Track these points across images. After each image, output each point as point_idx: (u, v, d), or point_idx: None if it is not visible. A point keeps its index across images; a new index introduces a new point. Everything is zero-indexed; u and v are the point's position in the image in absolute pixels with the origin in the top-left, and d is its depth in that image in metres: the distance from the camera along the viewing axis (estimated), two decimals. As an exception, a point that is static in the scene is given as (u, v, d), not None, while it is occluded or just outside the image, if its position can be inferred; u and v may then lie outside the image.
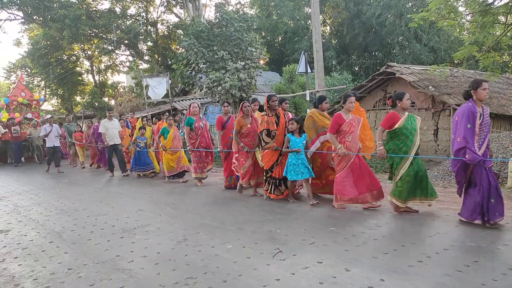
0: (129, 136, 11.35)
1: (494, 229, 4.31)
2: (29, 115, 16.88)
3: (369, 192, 5.52)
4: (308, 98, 11.07)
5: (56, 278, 3.53)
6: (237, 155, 7.00)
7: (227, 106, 7.81)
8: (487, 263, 3.41)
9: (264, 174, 6.44)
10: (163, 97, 15.74)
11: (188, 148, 8.03)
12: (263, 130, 6.27)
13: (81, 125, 17.46)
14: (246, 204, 6.29)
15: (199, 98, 16.91)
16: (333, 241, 4.18)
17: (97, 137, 12.06)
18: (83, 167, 13.30)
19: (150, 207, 6.41)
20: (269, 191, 6.35)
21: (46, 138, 12.29)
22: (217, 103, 13.88)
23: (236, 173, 7.24)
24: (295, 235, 4.43)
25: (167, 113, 9.88)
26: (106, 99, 29.58)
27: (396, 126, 5.10)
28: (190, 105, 8.29)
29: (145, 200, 7.06)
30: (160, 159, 9.98)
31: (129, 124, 12.01)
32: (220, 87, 12.36)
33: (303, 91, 12.43)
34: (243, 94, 12.67)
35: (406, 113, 5.23)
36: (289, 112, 6.74)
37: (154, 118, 11.48)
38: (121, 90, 30.48)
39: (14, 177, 11.34)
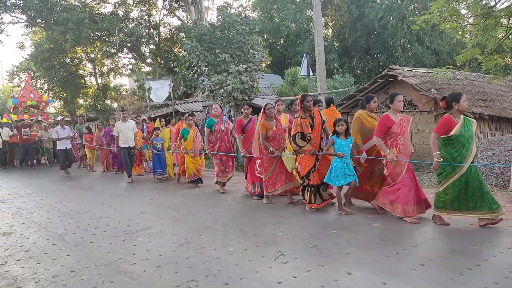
0: (142, 139, 10.82)
1: (496, 233, 4.30)
2: (39, 117, 16.28)
3: (417, 203, 4.98)
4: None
5: (58, 280, 3.54)
6: (259, 161, 6.41)
7: (247, 109, 7.07)
8: (489, 267, 3.40)
9: (301, 182, 5.84)
10: (165, 100, 15.77)
11: (207, 151, 7.64)
12: (297, 133, 5.70)
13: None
14: (248, 207, 6.28)
15: (201, 101, 16.94)
16: (335, 244, 4.17)
17: (110, 140, 11.57)
18: (94, 171, 12.76)
19: (152, 209, 6.42)
20: (309, 201, 5.70)
21: (57, 141, 12.00)
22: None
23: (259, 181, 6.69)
24: (297, 238, 4.43)
25: (187, 114, 9.29)
26: (108, 101, 29.67)
27: (452, 133, 4.48)
28: (212, 106, 7.86)
29: (147, 203, 7.07)
30: (178, 162, 9.43)
31: (145, 128, 11.26)
32: (222, 90, 12.37)
33: (305, 93, 12.45)
34: (245, 97, 12.69)
35: (462, 116, 4.60)
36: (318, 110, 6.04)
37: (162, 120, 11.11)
38: (124, 92, 30.58)
39: (17, 180, 11.38)
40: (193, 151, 8.29)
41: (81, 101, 30.55)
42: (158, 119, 11.17)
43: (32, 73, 30.11)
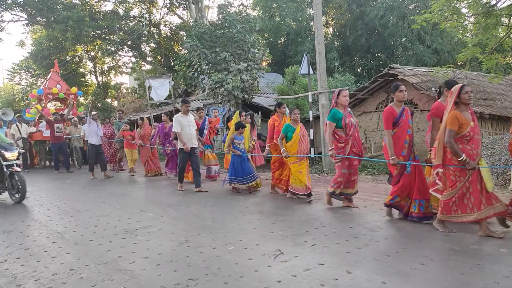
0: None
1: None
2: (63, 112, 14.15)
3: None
4: (310, 100, 11.05)
5: (58, 278, 3.54)
6: (439, 170, 4.39)
7: (403, 91, 5.01)
8: (490, 266, 3.40)
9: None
10: (165, 98, 15.76)
11: (329, 153, 5.58)
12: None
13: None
14: (248, 206, 6.28)
15: (201, 99, 16.93)
16: (335, 243, 4.17)
17: (164, 138, 9.94)
18: (133, 174, 11.08)
19: (152, 208, 6.42)
20: None
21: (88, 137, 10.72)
22: (219, 104, 13.89)
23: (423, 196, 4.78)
24: (297, 237, 4.43)
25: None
26: (109, 100, 29.68)
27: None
28: (339, 93, 5.73)
29: (147, 201, 7.07)
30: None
31: (206, 124, 9.43)
32: (223, 89, 12.37)
33: (305, 92, 12.41)
34: (245, 96, 12.69)
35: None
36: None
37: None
38: (124, 91, 30.61)
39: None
40: (299, 154, 6.29)
41: (81, 99, 30.54)
42: (238, 112, 8.83)
43: (32, 71, 30.15)
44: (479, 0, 8.82)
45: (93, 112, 11.63)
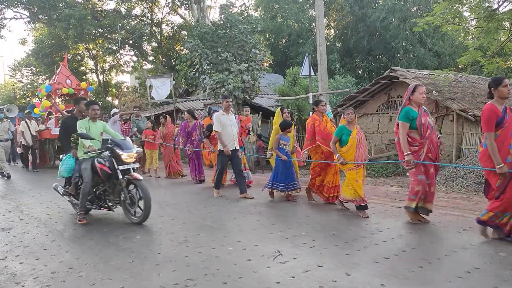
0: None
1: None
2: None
3: None
4: (311, 101, 11.07)
5: (57, 277, 3.54)
6: None
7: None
8: (489, 270, 3.40)
9: None
10: (166, 98, 15.77)
11: (406, 159, 4.69)
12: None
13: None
14: (247, 207, 6.28)
15: (202, 99, 16.94)
16: (334, 245, 4.17)
17: (186, 137, 9.15)
18: (150, 176, 10.33)
19: (152, 207, 6.41)
20: None
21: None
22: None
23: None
24: (296, 238, 4.43)
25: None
26: (109, 98, 29.71)
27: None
28: (415, 88, 4.91)
29: (147, 201, 7.06)
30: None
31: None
32: (224, 89, 12.39)
33: (306, 93, 12.43)
34: (246, 96, 12.70)
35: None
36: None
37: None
38: (125, 90, 30.66)
39: (17, 176, 11.39)
40: (356, 161, 5.49)
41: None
42: (279, 109, 7.64)
43: (33, 68, 30.15)
44: (481, 4, 8.84)
45: (115, 110, 11.10)
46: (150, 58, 28.45)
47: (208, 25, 14.70)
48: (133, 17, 27.30)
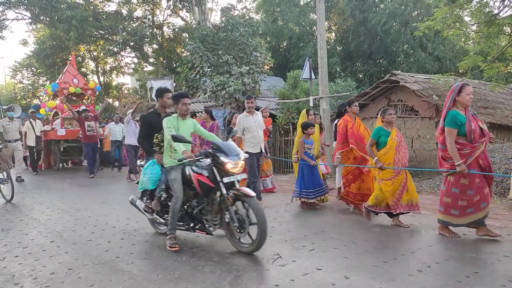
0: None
1: (494, 240, 4.29)
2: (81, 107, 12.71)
3: None
4: (311, 104, 11.08)
5: (56, 278, 3.54)
6: None
7: None
8: (487, 274, 3.40)
9: None
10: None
11: (458, 169, 4.18)
12: None
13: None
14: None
15: (203, 102, 16.96)
16: (333, 248, 4.17)
17: (202, 139, 7.91)
18: None
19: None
20: None
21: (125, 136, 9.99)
22: (220, 107, 13.92)
23: None
24: (295, 241, 4.43)
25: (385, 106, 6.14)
26: (110, 100, 29.70)
27: None
28: (461, 88, 4.32)
29: (147, 202, 7.05)
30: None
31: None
32: (224, 91, 12.40)
33: (306, 97, 12.44)
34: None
35: None
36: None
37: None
38: (125, 91, 30.64)
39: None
40: (395, 167, 4.95)
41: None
42: (305, 110, 6.93)
43: (34, 69, 30.17)
44: (482, 9, 8.87)
45: (130, 111, 10.70)
46: (151, 60, 28.49)
47: (209, 27, 14.75)
48: (135, 19, 27.37)
